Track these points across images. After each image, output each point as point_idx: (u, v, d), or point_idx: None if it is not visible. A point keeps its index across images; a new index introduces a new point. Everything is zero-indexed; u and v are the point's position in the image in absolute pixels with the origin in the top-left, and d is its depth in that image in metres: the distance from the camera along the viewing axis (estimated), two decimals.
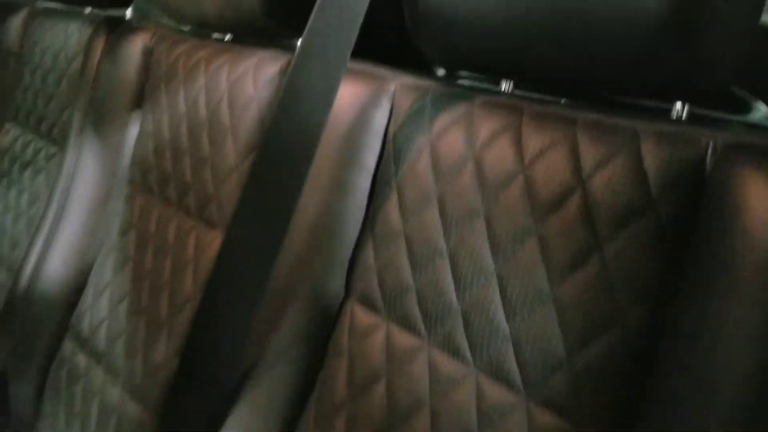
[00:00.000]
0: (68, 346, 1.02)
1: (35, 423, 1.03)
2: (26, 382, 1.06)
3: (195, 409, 0.77)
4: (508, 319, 0.59)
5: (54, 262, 1.12)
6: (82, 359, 0.99)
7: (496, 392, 0.58)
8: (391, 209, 0.71)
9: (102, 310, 0.99)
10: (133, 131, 1.09)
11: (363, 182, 0.75)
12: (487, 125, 0.66)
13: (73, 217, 1.13)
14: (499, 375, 0.59)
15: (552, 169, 0.59)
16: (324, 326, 0.74)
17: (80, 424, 0.94)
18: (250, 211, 0.73)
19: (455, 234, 0.65)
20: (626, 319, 0.53)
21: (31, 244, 1.16)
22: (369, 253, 0.72)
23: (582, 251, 0.56)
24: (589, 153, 0.58)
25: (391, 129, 0.74)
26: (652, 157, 0.54)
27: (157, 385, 0.86)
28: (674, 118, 0.61)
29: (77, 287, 1.06)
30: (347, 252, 0.75)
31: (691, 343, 0.50)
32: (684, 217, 0.52)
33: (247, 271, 0.74)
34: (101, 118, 1.14)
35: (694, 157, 0.53)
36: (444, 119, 0.69)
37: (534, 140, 0.62)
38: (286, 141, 0.71)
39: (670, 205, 0.53)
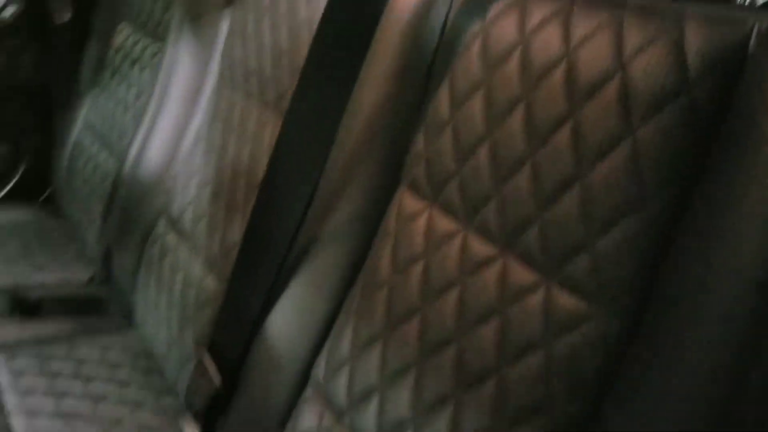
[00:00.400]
0: (161, 225, 1.12)
1: (132, 292, 1.15)
2: (127, 256, 1.18)
3: (257, 282, 0.83)
4: (537, 204, 0.60)
5: (153, 150, 1.21)
6: (172, 237, 1.08)
7: (519, 273, 0.60)
8: (442, 98, 0.72)
9: (189, 193, 1.07)
10: (224, 28, 1.14)
11: (420, 72, 0.76)
12: (539, 10, 0.65)
13: (170, 109, 1.21)
14: (524, 256, 0.60)
15: (595, 53, 0.58)
16: (377, 210, 0.77)
17: (167, 294, 1.04)
18: (306, 95, 0.76)
19: (497, 122, 0.65)
20: (650, 203, 0.52)
21: (134, 133, 1.26)
22: (420, 142, 0.74)
23: (613, 137, 0.55)
24: (633, 36, 0.56)
25: (450, 19, 0.74)
26: (694, 39, 0.52)
27: (230, 262, 0.93)
28: (739, 3, 0.58)
29: (172, 173, 1.15)
30: (403, 140, 0.77)
31: (710, 228, 0.49)
32: (719, 101, 0.50)
33: (304, 154, 0.78)
34: (197, 16, 1.20)
35: (738, 39, 0.50)
36: (499, 6, 0.69)
37: (582, 24, 0.60)
38: (341, 26, 0.73)
39: (707, 89, 0.51)
